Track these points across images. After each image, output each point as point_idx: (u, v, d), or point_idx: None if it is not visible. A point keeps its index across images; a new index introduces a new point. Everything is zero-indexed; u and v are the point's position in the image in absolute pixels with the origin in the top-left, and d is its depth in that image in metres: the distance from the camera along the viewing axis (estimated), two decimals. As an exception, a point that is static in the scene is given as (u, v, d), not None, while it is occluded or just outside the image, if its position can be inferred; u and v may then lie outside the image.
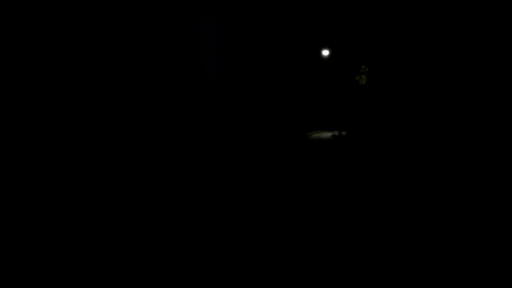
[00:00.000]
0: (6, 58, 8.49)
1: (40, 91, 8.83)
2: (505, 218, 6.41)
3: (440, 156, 8.54)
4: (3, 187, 7.93)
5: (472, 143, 8.31)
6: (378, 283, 5.22)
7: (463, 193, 7.35)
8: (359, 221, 7.07)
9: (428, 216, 6.81)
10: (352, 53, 12.27)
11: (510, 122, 8.22)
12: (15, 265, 6.07)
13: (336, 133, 12.06)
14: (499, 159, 7.79)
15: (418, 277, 5.19)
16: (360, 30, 11.67)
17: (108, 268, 5.93)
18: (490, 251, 5.60)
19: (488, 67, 8.91)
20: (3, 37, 8.38)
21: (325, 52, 15.37)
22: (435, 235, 6.18)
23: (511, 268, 5.15)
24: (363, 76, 12.74)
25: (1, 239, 6.74)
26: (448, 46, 9.35)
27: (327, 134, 13.13)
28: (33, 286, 5.63)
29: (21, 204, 7.81)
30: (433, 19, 9.84)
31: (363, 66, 12.63)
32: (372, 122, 10.88)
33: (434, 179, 8.07)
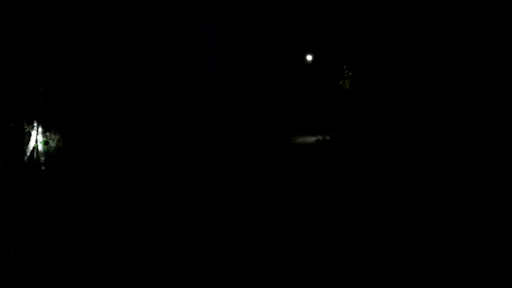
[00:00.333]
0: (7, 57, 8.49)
1: (43, 91, 8.85)
2: (503, 217, 6.41)
3: (423, 157, 8.58)
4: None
5: (462, 147, 8.34)
6: (378, 282, 5.21)
7: (449, 194, 7.38)
8: (355, 221, 7.07)
9: (417, 216, 6.82)
10: (350, 54, 12.30)
11: (506, 121, 8.23)
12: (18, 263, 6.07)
13: (320, 137, 12.03)
14: (490, 160, 7.79)
15: (416, 276, 5.18)
16: (358, 31, 11.68)
17: (110, 263, 5.94)
18: (484, 250, 5.58)
19: (477, 67, 8.94)
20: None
21: (309, 57, 15.44)
22: (423, 235, 6.18)
23: (509, 267, 5.14)
24: (347, 81, 12.84)
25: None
26: (434, 46, 9.37)
27: (311, 139, 13.07)
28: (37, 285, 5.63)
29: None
30: (418, 19, 9.86)
31: (346, 71, 12.76)
32: (357, 125, 10.97)
33: (419, 179, 8.11)
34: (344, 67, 13.37)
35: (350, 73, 13.23)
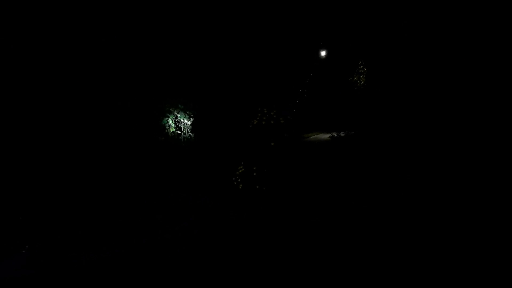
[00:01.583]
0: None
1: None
2: (503, 218, 6.11)
3: (438, 155, 8.25)
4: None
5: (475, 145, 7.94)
6: (375, 281, 5.03)
7: (458, 192, 7.11)
8: (359, 219, 6.89)
9: (432, 216, 6.59)
10: (352, 51, 12.03)
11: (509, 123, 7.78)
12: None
13: (334, 134, 11.75)
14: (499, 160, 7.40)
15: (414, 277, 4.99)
16: (361, 27, 11.33)
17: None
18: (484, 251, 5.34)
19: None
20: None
21: (323, 53, 15.07)
22: (435, 234, 5.96)
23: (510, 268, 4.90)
24: (362, 77, 12.46)
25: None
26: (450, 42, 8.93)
27: (325, 136, 12.87)
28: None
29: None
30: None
31: (361, 66, 12.35)
32: (372, 123, 10.61)
33: (431, 178, 7.83)
34: (360, 62, 13.07)
35: (365, 69, 12.92)
